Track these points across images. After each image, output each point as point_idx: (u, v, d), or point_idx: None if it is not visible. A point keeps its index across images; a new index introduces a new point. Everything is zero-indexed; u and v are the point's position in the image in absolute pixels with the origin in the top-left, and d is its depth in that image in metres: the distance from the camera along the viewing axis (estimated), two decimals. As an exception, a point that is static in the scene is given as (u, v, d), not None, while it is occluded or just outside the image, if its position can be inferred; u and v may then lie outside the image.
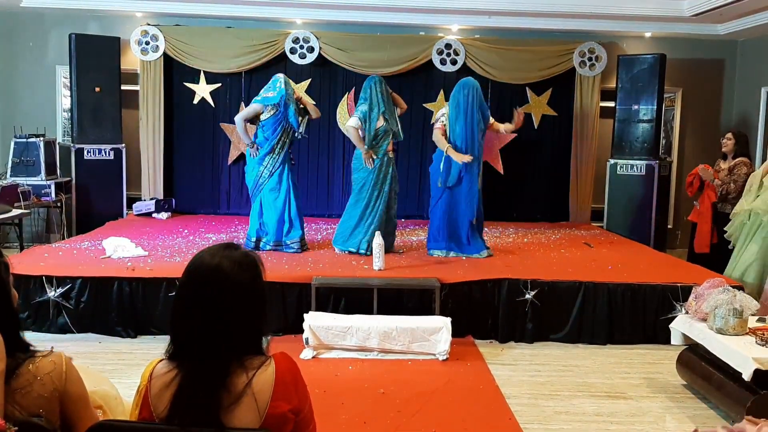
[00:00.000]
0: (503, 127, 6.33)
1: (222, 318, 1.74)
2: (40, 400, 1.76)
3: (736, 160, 6.49)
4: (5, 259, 1.90)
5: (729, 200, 6.44)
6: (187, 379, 1.73)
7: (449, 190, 6.04)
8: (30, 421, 1.72)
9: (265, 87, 6.17)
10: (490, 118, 6.24)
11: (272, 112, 6.03)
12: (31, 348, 1.84)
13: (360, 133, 6.02)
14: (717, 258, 6.34)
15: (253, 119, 6.16)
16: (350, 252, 6.05)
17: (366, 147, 6.00)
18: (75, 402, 1.84)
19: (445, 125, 6.03)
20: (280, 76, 6.16)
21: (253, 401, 1.73)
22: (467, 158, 5.86)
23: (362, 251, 5.98)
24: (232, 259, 1.79)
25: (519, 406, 3.98)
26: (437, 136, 6.04)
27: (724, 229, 5.97)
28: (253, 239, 6.17)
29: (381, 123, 6.03)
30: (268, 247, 6.11)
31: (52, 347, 1.85)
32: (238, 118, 6.23)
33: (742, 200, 5.85)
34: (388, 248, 6.03)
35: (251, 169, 6.17)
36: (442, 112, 6.14)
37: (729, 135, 6.67)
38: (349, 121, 6.20)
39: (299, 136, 6.20)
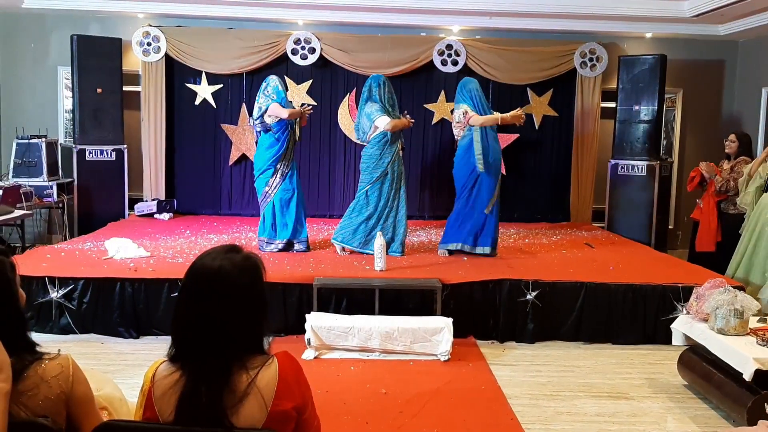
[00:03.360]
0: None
1: (223, 320, 1.76)
2: (47, 403, 1.77)
3: (738, 159, 6.52)
4: (11, 258, 1.92)
5: (730, 198, 6.47)
6: (191, 380, 1.74)
7: (477, 183, 6.03)
8: (36, 422, 1.73)
9: (264, 91, 6.06)
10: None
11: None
12: (38, 348, 1.85)
13: (390, 123, 5.92)
14: (720, 257, 6.36)
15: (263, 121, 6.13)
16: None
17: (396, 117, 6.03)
18: (81, 404, 1.85)
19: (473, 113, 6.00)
20: (275, 78, 6.19)
21: (257, 400, 1.74)
22: (518, 113, 6.06)
23: (396, 253, 6.01)
24: (234, 262, 1.80)
25: (520, 407, 3.99)
26: (477, 119, 5.93)
27: (739, 232, 5.98)
28: (266, 239, 6.19)
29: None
30: (278, 248, 6.14)
31: (59, 349, 1.87)
32: (280, 113, 5.99)
33: (743, 196, 5.95)
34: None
35: (262, 172, 6.11)
36: (463, 110, 6.03)
37: (732, 137, 6.68)
38: (379, 122, 5.93)
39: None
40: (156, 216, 7.87)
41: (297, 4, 7.73)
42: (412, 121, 6.18)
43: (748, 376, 3.63)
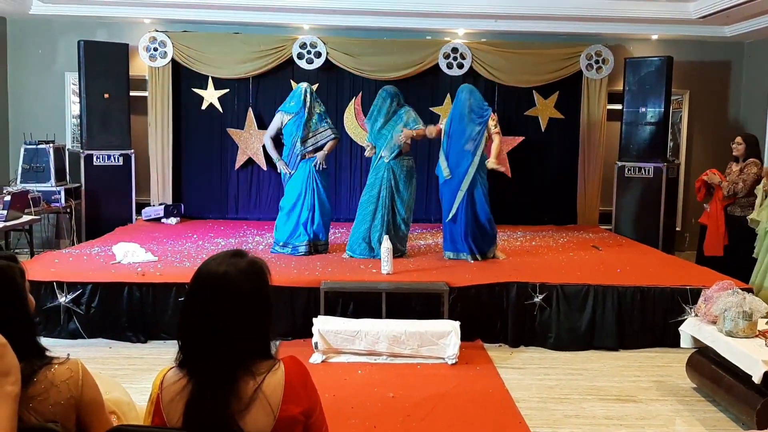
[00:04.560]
0: (494, 145, 6.11)
1: (229, 325, 1.76)
2: (57, 407, 1.78)
3: (747, 161, 6.49)
4: (20, 264, 1.93)
5: (738, 201, 6.44)
6: (198, 387, 1.74)
7: (446, 189, 6.16)
8: (46, 427, 1.74)
9: (288, 97, 6.45)
10: (491, 121, 6.10)
11: (290, 117, 6.27)
12: (47, 353, 1.86)
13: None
14: (728, 261, 6.32)
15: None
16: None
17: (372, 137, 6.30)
18: (91, 409, 1.86)
19: (441, 127, 6.28)
20: (303, 85, 6.40)
21: (264, 405, 1.74)
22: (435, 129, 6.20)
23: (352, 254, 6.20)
24: (239, 267, 1.81)
25: (528, 410, 3.99)
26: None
27: (754, 246, 5.95)
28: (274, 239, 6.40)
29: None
30: (279, 249, 6.24)
31: (68, 354, 1.87)
32: (265, 136, 6.58)
33: (759, 210, 5.89)
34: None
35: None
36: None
37: (739, 139, 6.65)
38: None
39: (298, 151, 6.24)
40: (163, 220, 7.89)
41: (302, 9, 7.76)
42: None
43: (757, 378, 3.62)
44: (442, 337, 4.69)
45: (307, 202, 6.21)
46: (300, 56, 8.06)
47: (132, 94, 7.98)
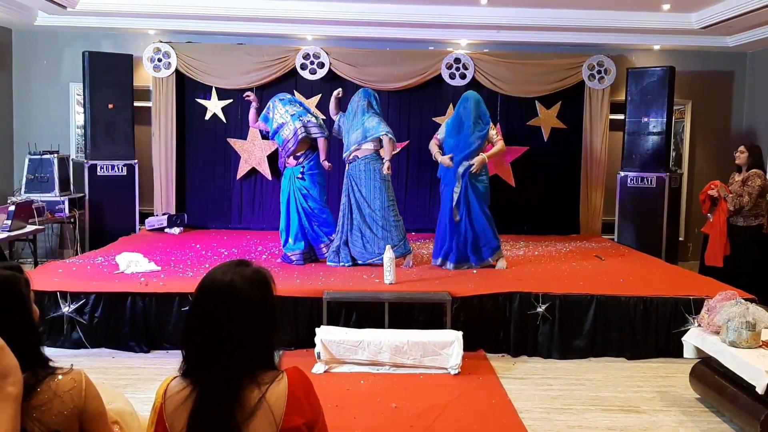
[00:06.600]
0: (494, 149, 6.19)
1: (234, 334, 1.76)
2: (60, 418, 1.78)
3: (750, 171, 6.48)
4: (25, 274, 1.94)
5: (743, 213, 6.43)
6: (202, 396, 1.74)
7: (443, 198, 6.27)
8: (49, 437, 1.75)
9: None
10: (490, 131, 6.15)
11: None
12: (51, 364, 1.86)
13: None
14: (729, 271, 6.31)
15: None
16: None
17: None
18: (94, 419, 1.86)
19: (438, 137, 6.39)
20: (275, 97, 6.53)
21: (267, 415, 1.74)
22: (444, 160, 6.18)
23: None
24: (244, 276, 1.81)
25: (531, 420, 3.98)
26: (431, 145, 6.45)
27: None
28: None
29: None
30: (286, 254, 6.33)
31: (72, 364, 1.88)
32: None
33: None
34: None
35: None
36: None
37: (742, 148, 6.65)
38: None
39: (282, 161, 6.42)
40: (166, 230, 7.91)
41: (306, 20, 7.80)
42: None
43: (761, 389, 3.61)
44: (445, 347, 4.69)
45: (293, 208, 6.29)
46: (303, 67, 8.10)
47: (136, 104, 8.03)
